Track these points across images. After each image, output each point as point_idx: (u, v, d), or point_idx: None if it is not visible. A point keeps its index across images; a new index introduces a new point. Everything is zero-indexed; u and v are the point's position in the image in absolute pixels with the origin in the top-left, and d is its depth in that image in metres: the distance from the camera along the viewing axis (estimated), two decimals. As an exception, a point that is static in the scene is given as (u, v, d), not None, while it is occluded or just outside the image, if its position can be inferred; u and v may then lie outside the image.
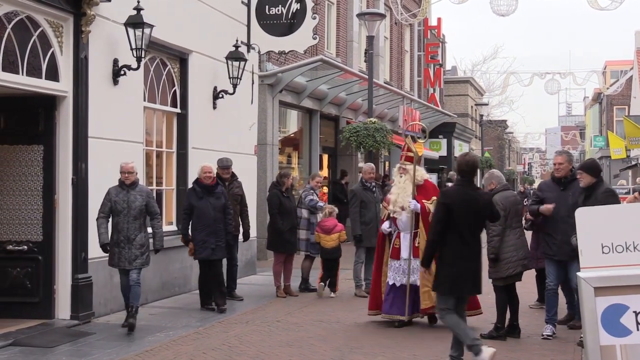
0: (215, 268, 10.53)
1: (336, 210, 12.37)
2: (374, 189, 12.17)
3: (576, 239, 6.14)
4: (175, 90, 12.17)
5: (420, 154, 9.62)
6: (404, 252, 9.54)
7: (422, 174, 9.85)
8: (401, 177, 9.72)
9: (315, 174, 14.07)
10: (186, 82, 12.27)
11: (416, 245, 9.46)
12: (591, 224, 5.52)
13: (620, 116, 45.86)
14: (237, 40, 13.08)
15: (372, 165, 12.68)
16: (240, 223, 11.72)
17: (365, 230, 11.83)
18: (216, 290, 10.55)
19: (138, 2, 10.01)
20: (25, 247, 9.45)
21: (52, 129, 9.48)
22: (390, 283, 9.59)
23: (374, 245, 11.36)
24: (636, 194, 10.78)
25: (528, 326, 9.37)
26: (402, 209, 9.52)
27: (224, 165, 11.48)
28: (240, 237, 11.88)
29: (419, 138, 9.11)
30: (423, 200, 9.47)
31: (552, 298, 8.90)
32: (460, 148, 37.03)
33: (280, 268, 12.09)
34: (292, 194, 12.47)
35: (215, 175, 10.78)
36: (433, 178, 22.59)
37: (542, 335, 8.83)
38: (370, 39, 16.65)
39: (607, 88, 46.00)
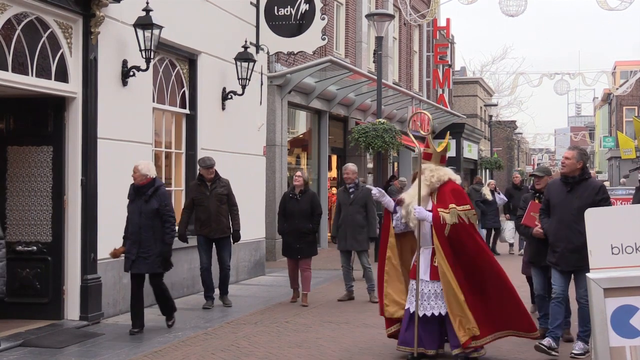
0: (152, 281, 9.21)
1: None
2: (351, 189, 11.60)
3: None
4: (184, 91, 12.19)
5: (440, 149, 8.02)
6: (422, 273, 7.58)
7: (440, 174, 7.75)
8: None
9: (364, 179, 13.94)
10: (195, 83, 12.29)
11: (434, 264, 7.52)
12: (601, 225, 5.51)
13: (629, 116, 45.74)
14: (246, 41, 13.10)
15: (349, 165, 11.91)
16: (231, 224, 11.00)
17: (339, 232, 11.66)
18: (159, 304, 9.46)
19: (147, 3, 10.03)
20: (35, 247, 9.47)
21: (62, 130, 9.51)
22: (412, 310, 7.61)
23: (347, 248, 11.61)
24: None
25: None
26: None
27: (206, 164, 10.71)
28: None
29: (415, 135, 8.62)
30: (438, 208, 7.51)
31: (556, 308, 7.90)
32: (469, 149, 36.96)
33: (292, 273, 11.51)
34: (309, 196, 11.34)
35: (152, 177, 9.03)
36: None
37: (572, 354, 7.78)
38: (379, 40, 16.65)
39: (617, 88, 45.78)
